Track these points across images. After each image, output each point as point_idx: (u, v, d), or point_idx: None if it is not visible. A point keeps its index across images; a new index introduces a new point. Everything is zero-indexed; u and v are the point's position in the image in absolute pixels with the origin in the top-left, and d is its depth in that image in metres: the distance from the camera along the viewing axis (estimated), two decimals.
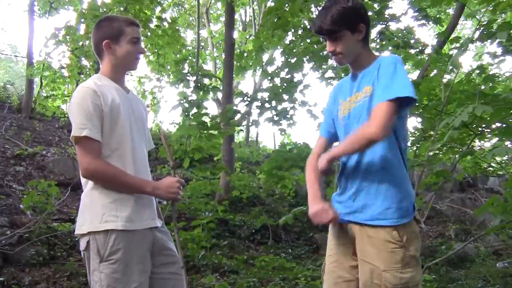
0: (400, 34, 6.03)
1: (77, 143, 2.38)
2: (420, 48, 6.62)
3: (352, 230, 2.35)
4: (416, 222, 2.32)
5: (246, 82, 38.35)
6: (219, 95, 13.58)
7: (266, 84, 6.73)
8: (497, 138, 5.50)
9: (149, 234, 2.47)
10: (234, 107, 6.41)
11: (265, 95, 6.31)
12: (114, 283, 2.32)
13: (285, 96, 6.23)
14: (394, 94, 2.15)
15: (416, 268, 2.24)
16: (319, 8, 6.45)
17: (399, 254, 2.20)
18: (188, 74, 6.40)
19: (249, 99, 6.27)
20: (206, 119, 6.20)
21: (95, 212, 2.36)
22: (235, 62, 8.02)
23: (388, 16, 5.86)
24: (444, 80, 5.31)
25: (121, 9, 10.93)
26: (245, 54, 7.97)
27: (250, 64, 8.15)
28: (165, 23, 12.89)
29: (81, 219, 2.42)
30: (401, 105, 2.20)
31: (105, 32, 2.54)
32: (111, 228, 2.34)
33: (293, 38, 6.68)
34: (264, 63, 8.73)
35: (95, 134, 2.36)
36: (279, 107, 6.23)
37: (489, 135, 5.58)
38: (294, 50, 6.32)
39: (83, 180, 2.47)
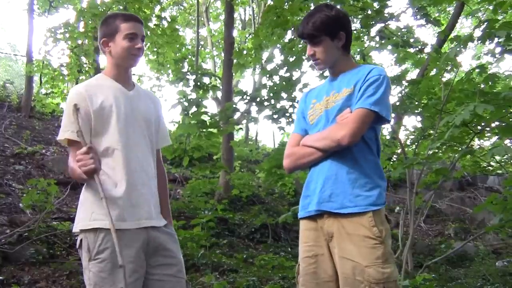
0: (399, 33, 6.03)
1: (67, 145, 2.44)
2: (420, 47, 6.62)
3: (329, 229, 2.36)
4: (388, 221, 2.37)
5: (246, 81, 38.35)
6: (219, 94, 13.58)
7: (265, 81, 6.71)
8: (496, 137, 5.50)
9: (143, 234, 2.42)
10: (234, 106, 6.41)
11: (264, 92, 6.30)
12: (101, 282, 2.30)
13: (284, 95, 6.23)
14: (376, 107, 2.30)
15: (393, 263, 2.30)
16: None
17: (379, 249, 2.25)
18: (188, 73, 6.40)
19: (248, 97, 6.26)
20: (205, 117, 6.20)
21: (86, 211, 2.37)
22: (234, 60, 8.00)
23: (387, 15, 5.86)
24: (444, 79, 5.32)
25: (121, 7, 10.92)
26: (244, 52, 7.96)
27: (249, 62, 8.14)
28: (164, 22, 12.89)
29: (77, 217, 2.43)
30: (376, 119, 2.35)
31: (103, 31, 2.55)
32: (99, 227, 2.32)
33: (293, 37, 6.67)
34: (263, 61, 8.71)
35: (76, 136, 2.36)
36: (278, 105, 6.23)
37: (488, 134, 5.58)
38: (293, 49, 6.31)
39: None
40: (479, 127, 5.08)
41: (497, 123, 4.80)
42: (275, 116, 6.24)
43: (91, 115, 2.40)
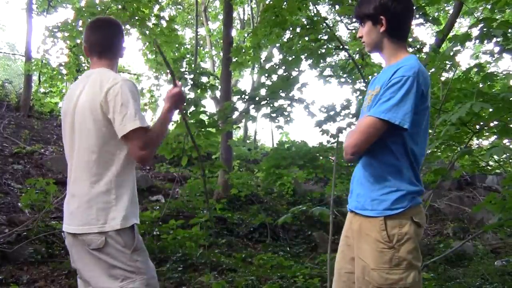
0: None
1: (134, 131, 2.43)
2: (418, 46, 6.62)
3: (354, 226, 2.41)
4: (417, 225, 2.30)
5: (245, 81, 38.31)
6: (218, 93, 13.57)
7: (263, 80, 6.71)
8: (495, 136, 5.50)
9: None
10: (232, 105, 6.40)
11: (263, 91, 6.30)
12: (147, 267, 2.52)
13: (282, 94, 6.22)
14: (387, 115, 2.18)
15: (407, 271, 2.23)
16: (317, 7, 6.48)
17: (387, 254, 2.22)
18: (186, 72, 6.39)
19: (247, 96, 6.26)
20: (204, 117, 6.19)
21: (120, 209, 2.46)
22: (232, 58, 7.99)
23: None
24: (442, 79, 5.31)
25: (119, 7, 10.89)
26: (243, 50, 7.94)
27: (248, 60, 8.13)
28: (163, 22, 12.86)
29: (102, 217, 2.45)
30: (393, 126, 2.20)
31: (123, 37, 2.77)
32: (135, 223, 2.52)
33: (291, 36, 6.67)
34: (262, 60, 8.70)
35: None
36: (276, 104, 6.23)
37: (487, 133, 5.58)
38: (292, 48, 6.31)
39: (92, 177, 2.49)
40: (477, 127, 5.08)
41: (496, 122, 4.80)
42: (273, 115, 6.24)
43: None
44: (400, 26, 2.41)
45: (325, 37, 6.42)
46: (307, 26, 6.23)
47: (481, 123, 4.96)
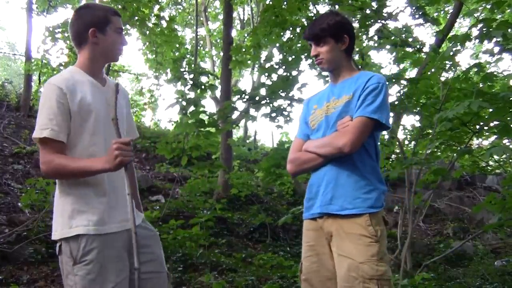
0: (398, 32, 6.02)
1: (39, 143, 2.30)
2: (418, 46, 6.61)
3: (328, 229, 2.46)
4: (385, 223, 2.46)
5: (245, 81, 38.28)
6: (218, 93, 13.57)
7: (263, 80, 6.72)
8: (495, 136, 5.51)
9: (124, 234, 2.38)
10: (232, 105, 6.41)
11: (263, 91, 6.31)
12: (89, 285, 2.25)
13: (282, 94, 6.23)
14: (375, 115, 2.40)
15: (388, 264, 2.38)
16: (317, 7, 6.49)
17: (375, 248, 2.34)
18: (185, 72, 6.39)
19: (247, 96, 6.27)
20: (204, 117, 6.20)
21: (66, 217, 2.29)
22: (232, 57, 7.98)
23: (385, 14, 5.86)
24: (442, 79, 5.32)
25: (119, 7, 10.89)
26: (243, 49, 7.94)
27: (248, 60, 8.13)
28: (163, 22, 12.86)
29: (55, 223, 2.35)
30: (377, 126, 2.45)
31: (91, 20, 2.40)
32: (82, 233, 2.26)
33: (291, 36, 6.68)
34: (262, 60, 8.69)
35: (57, 135, 2.27)
36: (276, 104, 6.24)
37: (487, 133, 5.58)
38: (292, 48, 6.31)
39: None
40: (477, 127, 5.08)
41: (496, 122, 4.80)
42: (273, 115, 6.25)
43: (70, 113, 2.30)
44: (353, 45, 2.66)
45: None
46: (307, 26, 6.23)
47: (481, 123, 4.96)
